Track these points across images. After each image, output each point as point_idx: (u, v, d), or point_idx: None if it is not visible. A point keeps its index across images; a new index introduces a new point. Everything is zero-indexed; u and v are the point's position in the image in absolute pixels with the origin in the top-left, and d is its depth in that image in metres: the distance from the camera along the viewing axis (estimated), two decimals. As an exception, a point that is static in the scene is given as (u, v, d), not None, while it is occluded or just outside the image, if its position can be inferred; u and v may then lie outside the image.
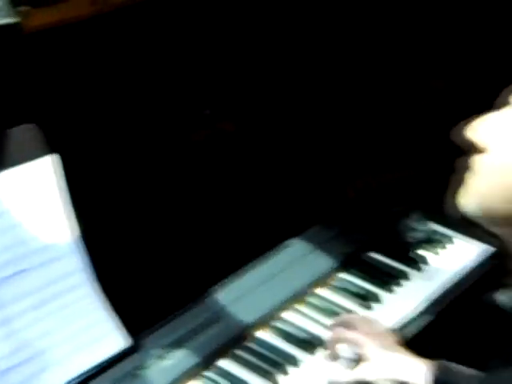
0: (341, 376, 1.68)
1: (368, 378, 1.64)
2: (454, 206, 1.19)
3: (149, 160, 1.96)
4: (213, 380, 1.67)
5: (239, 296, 1.86)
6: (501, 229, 1.20)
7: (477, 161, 1.16)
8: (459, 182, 1.17)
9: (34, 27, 1.62)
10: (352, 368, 1.69)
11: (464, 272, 2.03)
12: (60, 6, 1.70)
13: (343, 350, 1.72)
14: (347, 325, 1.75)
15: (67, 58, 1.83)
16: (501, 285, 1.87)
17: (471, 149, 1.17)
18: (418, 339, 1.80)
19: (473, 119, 1.18)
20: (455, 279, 2.00)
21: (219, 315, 1.80)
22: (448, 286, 1.98)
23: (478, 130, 1.17)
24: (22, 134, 1.65)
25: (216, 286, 1.87)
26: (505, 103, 1.16)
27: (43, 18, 1.66)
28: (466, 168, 1.17)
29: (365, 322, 1.79)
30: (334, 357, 1.72)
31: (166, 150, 2.01)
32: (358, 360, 1.69)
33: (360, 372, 1.66)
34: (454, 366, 1.60)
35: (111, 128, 1.92)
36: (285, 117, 2.28)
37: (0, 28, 1.47)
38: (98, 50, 1.90)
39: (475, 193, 1.17)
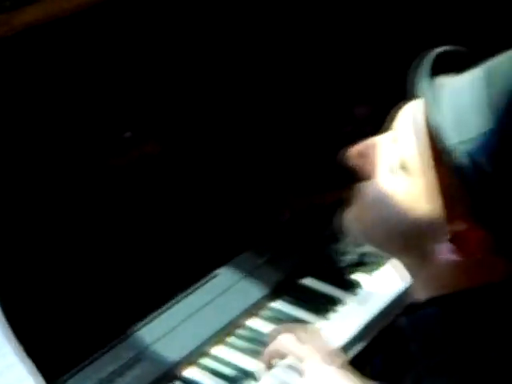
0: None
1: None
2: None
3: (69, 186, 1.92)
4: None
5: (164, 333, 1.80)
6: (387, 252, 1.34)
7: (360, 186, 1.24)
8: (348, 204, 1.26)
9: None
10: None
11: (399, 292, 1.99)
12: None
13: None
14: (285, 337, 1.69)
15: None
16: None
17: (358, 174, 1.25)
18: (355, 364, 1.69)
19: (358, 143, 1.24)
20: (391, 301, 1.98)
21: (143, 354, 1.74)
22: (384, 308, 1.96)
23: (359, 152, 1.24)
24: None
25: (139, 323, 1.81)
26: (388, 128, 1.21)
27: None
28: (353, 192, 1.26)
29: (312, 335, 1.73)
30: (269, 368, 1.69)
31: (85, 174, 1.97)
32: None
33: None
34: None
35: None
36: (212, 136, 2.25)
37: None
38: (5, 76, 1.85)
39: (354, 217, 1.26)
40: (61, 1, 1.84)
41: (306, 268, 2.06)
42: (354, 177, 2.21)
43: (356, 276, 2.04)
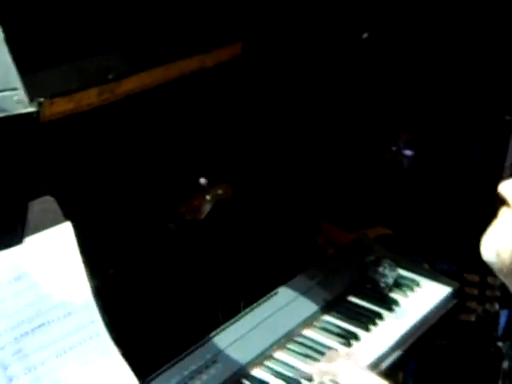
0: None
1: None
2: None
3: (146, 234, 1.99)
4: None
5: (236, 339, 1.86)
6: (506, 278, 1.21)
7: (503, 213, 1.19)
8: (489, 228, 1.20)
9: (48, 117, 1.67)
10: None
11: (431, 310, 2.06)
12: (71, 96, 1.76)
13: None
14: (331, 360, 1.78)
15: (79, 142, 1.88)
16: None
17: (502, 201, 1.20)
18: (391, 370, 1.82)
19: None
20: (423, 317, 2.03)
21: (218, 357, 1.80)
22: (417, 323, 2.01)
23: (508, 187, 1.20)
24: (41, 205, 1.68)
25: (216, 331, 1.86)
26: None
27: (56, 108, 1.71)
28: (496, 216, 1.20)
29: (346, 354, 1.81)
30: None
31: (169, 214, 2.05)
32: None
33: None
34: None
35: (114, 202, 1.95)
36: (272, 181, 2.32)
37: (23, 115, 1.46)
38: (104, 135, 1.94)
39: (495, 243, 1.19)
40: (151, 75, 1.95)
41: (352, 288, 2.12)
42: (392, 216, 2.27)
43: (394, 296, 2.08)
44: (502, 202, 1.20)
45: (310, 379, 1.78)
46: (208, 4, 2.12)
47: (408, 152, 2.47)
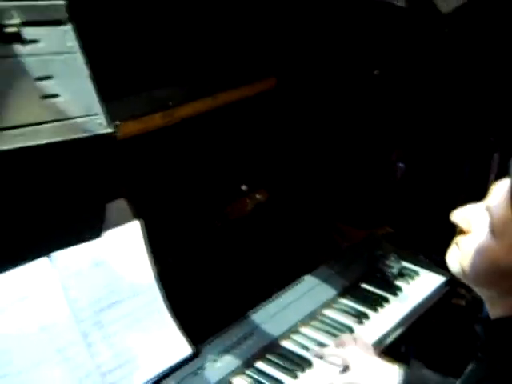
0: (335, 380, 1.67)
1: (352, 381, 1.63)
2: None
3: (200, 230, 1.99)
4: (251, 377, 1.67)
5: (269, 316, 1.86)
6: (473, 286, 1.21)
7: (460, 239, 1.19)
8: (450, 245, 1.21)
9: (122, 136, 1.65)
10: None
11: (428, 295, 2.04)
12: (140, 119, 1.78)
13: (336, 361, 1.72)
14: (340, 343, 1.76)
15: (147, 155, 1.90)
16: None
17: (458, 228, 1.19)
18: (395, 344, 1.80)
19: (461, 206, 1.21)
20: (421, 301, 2.02)
21: (254, 331, 1.80)
22: (416, 305, 1.99)
23: (460, 217, 1.19)
24: (116, 206, 1.70)
25: (253, 310, 1.87)
26: (484, 198, 1.16)
27: (128, 129, 1.73)
28: (454, 240, 1.21)
29: (353, 339, 1.78)
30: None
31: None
32: (346, 369, 1.68)
33: (347, 378, 1.65)
34: (424, 371, 1.61)
35: (173, 205, 1.96)
36: (302, 187, 2.31)
37: (103, 135, 1.47)
38: (166, 150, 1.95)
39: (456, 261, 1.20)
40: (202, 103, 1.96)
41: (363, 277, 2.11)
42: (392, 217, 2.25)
43: (397, 283, 2.07)
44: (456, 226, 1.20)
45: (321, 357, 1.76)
46: (249, 48, 2.13)
47: (401, 165, 2.43)
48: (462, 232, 1.19)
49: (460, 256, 1.19)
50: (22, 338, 1.44)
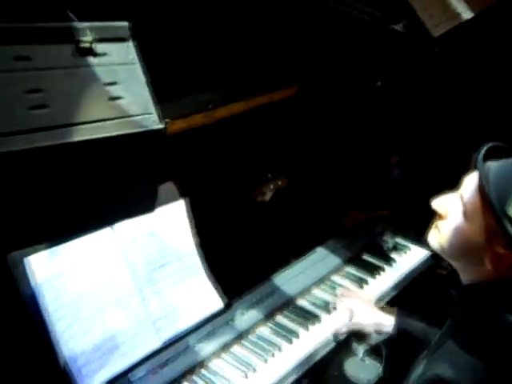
0: (341, 327, 1.69)
1: (357, 328, 1.66)
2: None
3: (233, 208, 1.99)
4: (272, 327, 1.70)
5: (287, 280, 1.87)
6: (449, 260, 1.24)
7: (439, 222, 1.21)
8: (431, 228, 1.24)
9: (171, 131, 1.70)
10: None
11: (416, 265, 2.05)
12: (185, 119, 1.80)
13: (343, 312, 1.74)
14: (346, 298, 1.78)
15: (191, 148, 1.91)
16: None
17: (437, 214, 1.21)
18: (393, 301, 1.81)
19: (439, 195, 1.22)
20: (411, 270, 2.02)
21: (275, 291, 1.82)
22: (407, 274, 2.00)
23: (439, 204, 1.21)
24: (166, 188, 1.73)
25: (274, 275, 1.88)
26: (459, 186, 1.18)
27: (176, 126, 1.75)
28: (434, 222, 1.23)
29: (358, 294, 1.82)
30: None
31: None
32: (351, 317, 1.70)
33: (352, 324, 1.68)
34: (411, 320, 1.61)
35: (212, 188, 1.95)
36: (315, 177, 2.29)
37: (156, 130, 1.51)
38: (207, 144, 1.96)
39: (436, 240, 1.22)
40: (237, 106, 1.95)
41: (365, 250, 2.10)
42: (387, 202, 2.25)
43: (392, 255, 2.07)
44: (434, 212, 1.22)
45: (329, 311, 1.78)
46: (276, 61, 2.11)
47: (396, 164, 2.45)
48: (440, 217, 1.21)
49: (439, 236, 1.21)
50: (90, 291, 1.48)
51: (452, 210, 1.17)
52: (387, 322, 1.63)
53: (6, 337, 1.36)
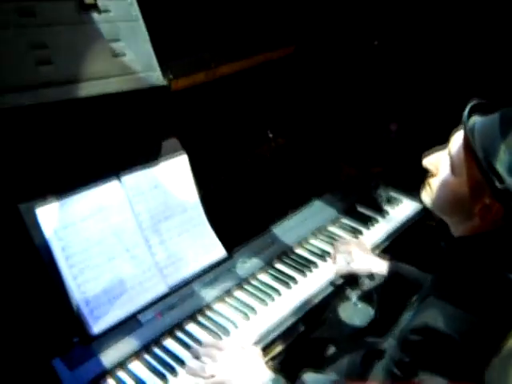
0: (340, 269, 1.71)
1: (354, 269, 1.68)
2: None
3: (234, 164, 1.97)
4: (272, 274, 1.71)
5: (286, 230, 1.87)
6: (441, 215, 1.22)
7: (430, 180, 1.20)
8: (423, 186, 1.23)
9: (174, 88, 1.68)
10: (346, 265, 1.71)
11: (408, 217, 2.04)
12: (189, 77, 1.76)
13: (341, 257, 1.74)
14: (344, 244, 1.78)
15: (194, 104, 1.87)
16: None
17: (429, 172, 1.20)
18: (383, 253, 1.79)
19: (429, 152, 1.21)
20: (403, 221, 2.02)
21: (275, 240, 1.82)
22: (399, 225, 2.00)
23: (429, 162, 1.20)
24: (169, 143, 1.71)
25: (273, 225, 1.87)
26: (447, 142, 1.16)
27: (179, 83, 1.71)
28: (425, 180, 1.22)
29: (355, 241, 1.83)
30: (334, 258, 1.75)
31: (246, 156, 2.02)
32: (349, 262, 1.71)
33: (350, 266, 1.69)
34: (403, 264, 1.63)
35: (220, 144, 1.93)
36: (314, 134, 2.26)
37: (160, 87, 1.49)
38: (209, 101, 1.93)
39: (428, 197, 1.21)
40: (238, 64, 1.91)
41: (359, 202, 2.09)
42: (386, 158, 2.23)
43: (386, 208, 2.06)
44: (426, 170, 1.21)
45: (325, 259, 1.78)
46: (275, 22, 2.08)
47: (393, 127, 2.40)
48: (431, 174, 1.21)
49: (430, 193, 1.21)
50: (99, 240, 1.49)
51: (441, 167, 1.17)
52: (381, 265, 1.64)
53: (21, 284, 1.37)
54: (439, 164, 1.17)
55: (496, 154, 1.01)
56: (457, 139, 1.13)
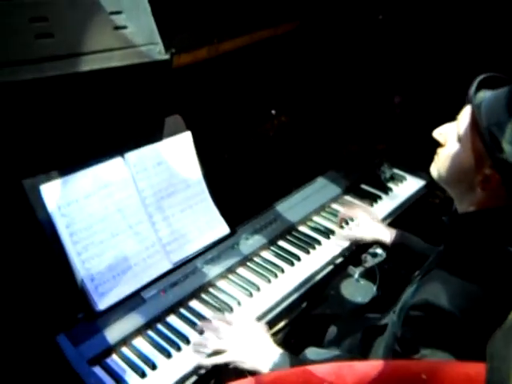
0: (345, 234, 1.71)
1: (358, 236, 1.67)
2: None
3: (237, 142, 1.93)
4: (274, 251, 1.69)
5: (289, 207, 1.85)
6: (447, 188, 1.22)
7: (439, 150, 1.21)
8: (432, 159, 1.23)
9: (176, 65, 1.63)
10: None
11: (411, 194, 2.03)
12: (190, 53, 1.72)
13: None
14: (352, 209, 1.79)
15: (195, 80, 1.84)
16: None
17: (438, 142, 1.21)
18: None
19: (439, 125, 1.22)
20: (406, 198, 2.00)
21: (278, 217, 1.80)
22: (402, 202, 1.98)
23: (438, 133, 1.21)
24: (173, 120, 1.68)
25: (277, 202, 1.86)
26: (456, 117, 1.17)
27: (181, 59, 1.67)
28: (435, 152, 1.22)
29: (363, 206, 1.82)
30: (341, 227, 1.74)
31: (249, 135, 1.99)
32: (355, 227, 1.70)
33: (354, 232, 1.69)
34: (409, 234, 1.63)
35: (224, 122, 1.90)
36: (317, 112, 2.23)
37: (162, 61, 1.44)
38: (211, 77, 1.89)
39: (436, 168, 1.22)
40: (241, 39, 1.86)
41: (363, 179, 2.07)
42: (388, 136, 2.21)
43: (389, 185, 2.04)
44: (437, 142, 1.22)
45: (329, 236, 1.76)
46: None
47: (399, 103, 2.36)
48: (440, 145, 1.21)
49: (438, 164, 1.21)
50: (103, 217, 1.47)
51: (449, 138, 1.18)
52: (387, 234, 1.63)
53: (25, 260, 1.35)
54: (448, 135, 1.18)
55: (501, 126, 1.02)
56: (466, 111, 1.14)
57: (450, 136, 1.17)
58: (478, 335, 0.98)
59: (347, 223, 1.81)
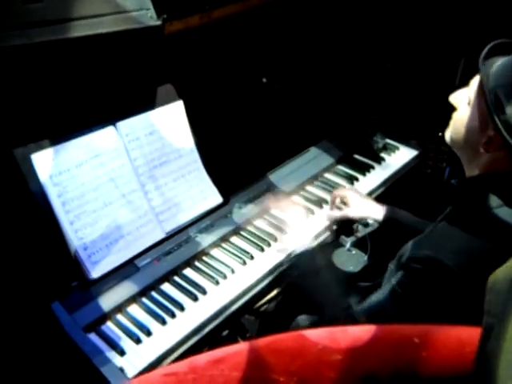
0: (334, 214, 1.70)
1: (350, 215, 1.66)
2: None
3: (230, 111, 1.89)
4: (267, 220, 1.69)
5: (282, 177, 1.85)
6: (457, 151, 1.26)
7: (453, 114, 1.25)
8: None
9: (170, 31, 1.60)
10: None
11: (404, 164, 2.03)
12: (183, 20, 1.67)
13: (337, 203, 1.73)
14: (341, 190, 1.76)
15: (187, 48, 1.79)
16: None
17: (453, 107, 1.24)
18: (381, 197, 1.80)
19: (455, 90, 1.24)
20: (399, 168, 2.00)
21: (271, 187, 1.80)
22: (395, 171, 1.98)
23: (453, 97, 1.24)
24: (165, 89, 1.66)
25: (269, 172, 1.85)
26: (468, 83, 1.21)
27: (173, 27, 1.63)
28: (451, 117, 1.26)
29: (352, 189, 1.80)
30: (333, 204, 1.73)
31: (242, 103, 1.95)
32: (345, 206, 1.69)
33: (345, 211, 1.67)
34: (399, 209, 1.63)
35: (213, 91, 1.86)
36: (311, 82, 2.19)
37: (154, 27, 1.41)
38: (203, 45, 1.85)
39: (449, 131, 1.27)
40: (233, 7, 1.81)
41: (356, 149, 2.07)
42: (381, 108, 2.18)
43: (382, 155, 2.04)
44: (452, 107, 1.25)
45: (321, 206, 1.77)
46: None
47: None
48: (455, 109, 1.25)
49: (451, 127, 1.26)
50: (95, 187, 1.46)
51: (461, 102, 1.22)
52: (377, 210, 1.63)
53: (18, 230, 1.34)
54: (461, 99, 1.23)
55: (506, 89, 1.06)
56: (478, 76, 1.17)
57: (463, 100, 1.22)
58: (474, 293, 0.99)
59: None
